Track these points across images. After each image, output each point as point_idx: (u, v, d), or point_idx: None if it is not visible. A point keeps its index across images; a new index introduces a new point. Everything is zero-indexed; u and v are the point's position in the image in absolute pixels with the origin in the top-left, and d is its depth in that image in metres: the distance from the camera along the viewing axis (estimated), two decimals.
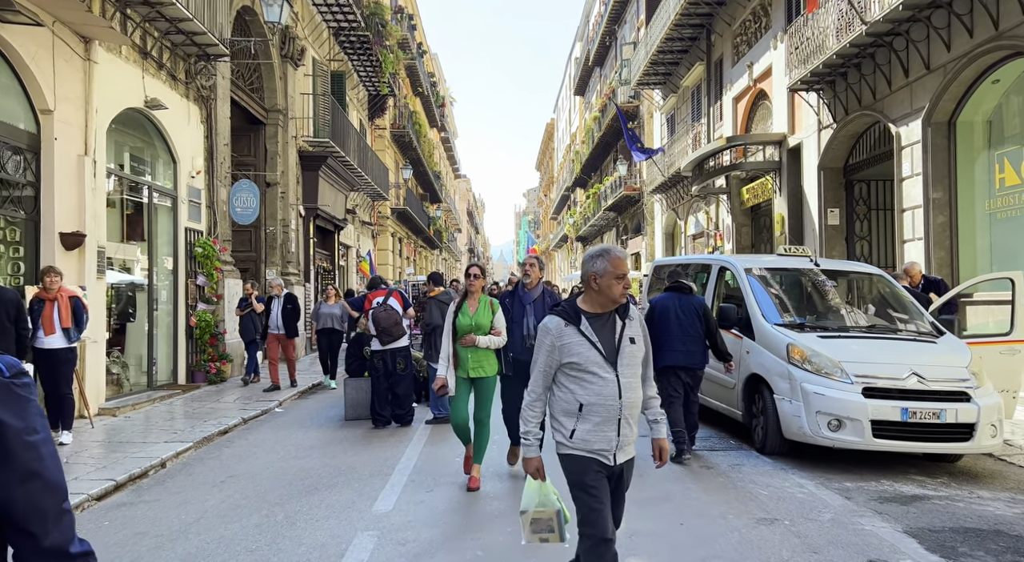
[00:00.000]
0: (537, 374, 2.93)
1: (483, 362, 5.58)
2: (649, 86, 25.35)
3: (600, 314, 2.90)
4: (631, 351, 2.88)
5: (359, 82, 23.74)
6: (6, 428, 1.29)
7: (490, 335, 5.55)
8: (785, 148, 15.11)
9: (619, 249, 2.98)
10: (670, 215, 25.26)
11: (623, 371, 2.84)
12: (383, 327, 7.95)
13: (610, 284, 2.83)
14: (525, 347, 5.58)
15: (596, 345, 2.83)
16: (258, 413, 9.03)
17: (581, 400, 2.82)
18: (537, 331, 4.94)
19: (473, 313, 5.54)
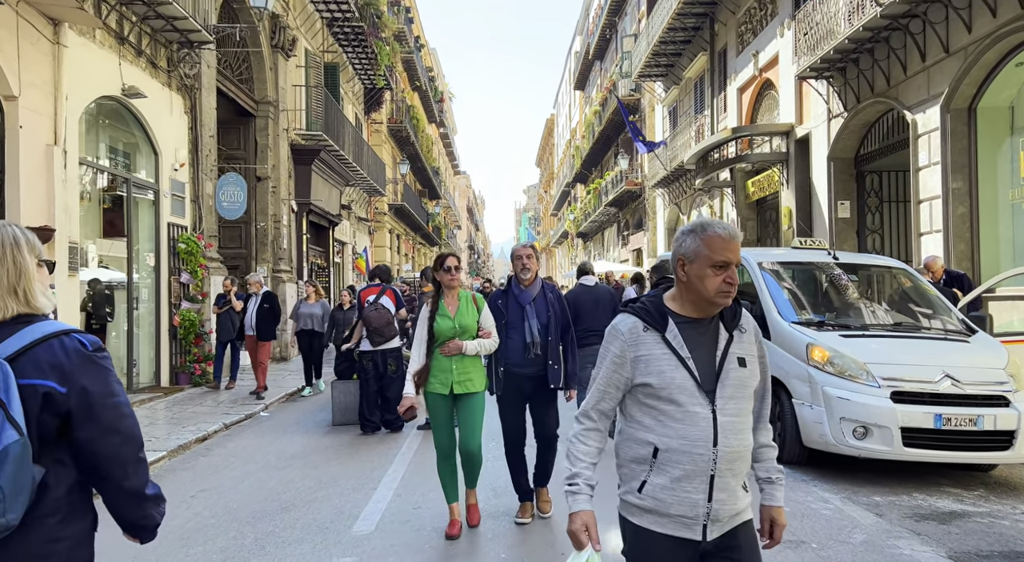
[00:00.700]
0: (596, 392, 2.08)
1: (470, 373, 4.43)
2: (651, 78, 24.81)
3: (696, 319, 2.01)
4: (739, 377, 1.98)
5: (354, 75, 23.21)
6: (90, 394, 1.63)
7: (478, 338, 4.46)
8: (792, 139, 14.59)
9: (723, 224, 2.03)
10: (672, 210, 24.75)
11: (724, 405, 1.95)
12: (374, 327, 7.46)
13: (702, 274, 1.94)
14: (527, 358, 4.53)
15: (687, 363, 1.96)
16: (241, 418, 8.54)
17: (657, 442, 1.96)
18: (540, 337, 4.48)
19: (454, 313, 4.45)
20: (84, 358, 1.65)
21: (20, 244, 1.75)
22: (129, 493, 1.72)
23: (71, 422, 1.63)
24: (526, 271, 4.66)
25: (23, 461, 1.53)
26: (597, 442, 2.08)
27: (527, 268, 4.66)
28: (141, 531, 1.79)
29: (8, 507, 1.51)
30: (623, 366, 2.02)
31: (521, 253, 4.69)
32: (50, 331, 1.65)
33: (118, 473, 1.68)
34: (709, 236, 1.97)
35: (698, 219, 2.06)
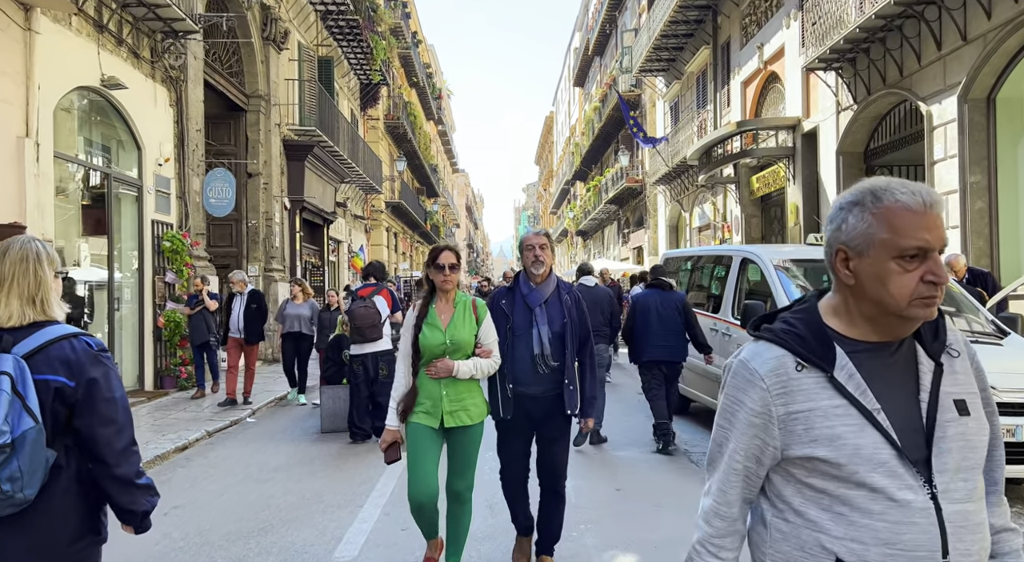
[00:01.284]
0: (721, 476, 1.39)
1: (464, 401, 3.49)
2: (652, 73, 24.38)
3: (878, 344, 1.31)
4: (961, 433, 1.27)
5: (349, 70, 22.78)
6: (94, 388, 1.90)
7: (475, 358, 3.51)
8: (799, 133, 14.18)
9: (912, 186, 1.27)
10: (674, 207, 24.33)
11: (948, 484, 1.24)
12: (357, 325, 7.01)
13: (884, 272, 1.25)
14: (537, 374, 3.61)
15: (875, 418, 1.24)
16: (226, 424, 8.12)
17: (841, 551, 1.23)
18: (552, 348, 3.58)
19: (447, 324, 3.49)
20: (91, 357, 1.91)
21: (42, 259, 1.97)
22: (120, 479, 1.94)
23: (76, 411, 1.88)
24: (538, 264, 3.66)
25: (38, 445, 1.79)
26: (732, 551, 1.37)
27: (540, 260, 3.66)
28: (131, 517, 2.01)
29: (25, 484, 1.76)
30: (767, 428, 1.30)
31: (533, 241, 3.70)
32: (61, 333, 1.91)
33: (111, 460, 1.91)
34: (889, 207, 1.24)
35: (862, 184, 1.30)
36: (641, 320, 6.71)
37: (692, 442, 6.90)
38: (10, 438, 1.74)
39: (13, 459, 1.75)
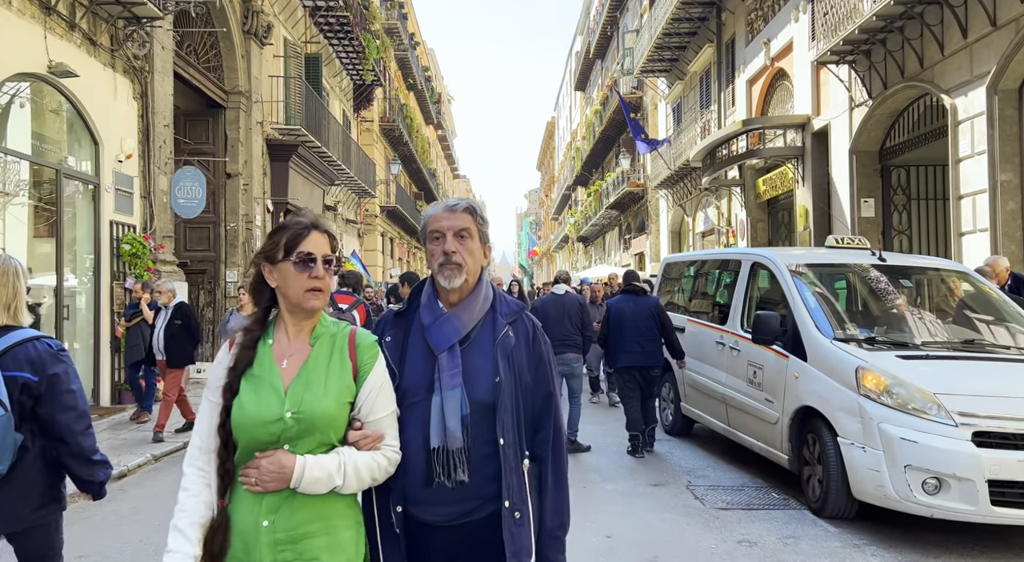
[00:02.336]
0: None
1: (310, 543, 1.70)
2: (653, 74, 23.62)
3: None
4: None
5: (341, 69, 22.06)
6: (57, 380, 2.34)
7: (344, 450, 1.75)
8: (809, 132, 13.38)
9: None
10: (677, 211, 23.53)
11: None
12: None
13: None
14: (435, 490, 1.85)
15: None
16: (178, 446, 7.30)
17: None
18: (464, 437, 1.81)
19: (290, 380, 1.77)
20: (52, 356, 2.39)
21: (19, 273, 2.42)
22: (79, 456, 2.42)
23: (39, 401, 2.34)
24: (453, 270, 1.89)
25: (7, 430, 2.26)
26: None
27: (454, 261, 1.89)
28: (88, 486, 2.50)
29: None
30: None
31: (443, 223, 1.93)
32: (27, 336, 2.38)
33: (71, 440, 2.39)
34: None
35: None
36: (616, 326, 6.71)
37: (697, 472, 6.07)
38: None
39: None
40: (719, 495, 5.34)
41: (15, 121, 8.24)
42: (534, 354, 1.95)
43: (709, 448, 6.93)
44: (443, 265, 1.90)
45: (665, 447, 7.04)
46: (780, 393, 5.23)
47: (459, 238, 1.91)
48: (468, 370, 1.87)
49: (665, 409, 7.73)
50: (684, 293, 7.79)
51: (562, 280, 7.31)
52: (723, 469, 6.12)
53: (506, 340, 1.90)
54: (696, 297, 7.41)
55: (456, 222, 1.92)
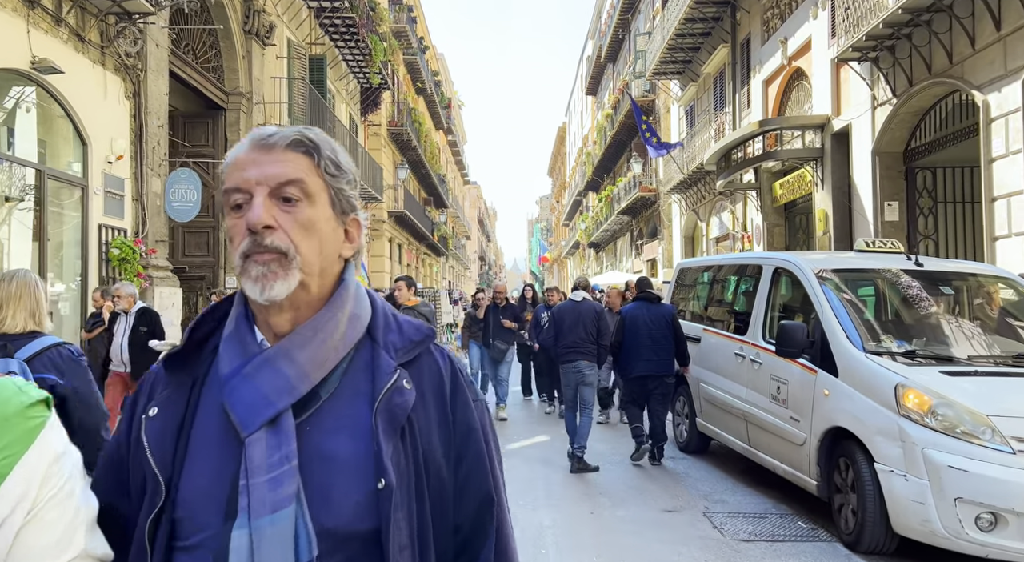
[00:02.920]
0: None
1: None
2: (666, 76, 23.15)
3: None
4: None
5: (347, 72, 21.74)
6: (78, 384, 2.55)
7: None
8: (828, 133, 12.85)
9: None
10: (690, 216, 23.00)
11: None
12: None
13: None
14: None
15: None
16: None
17: None
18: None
19: None
20: (74, 361, 2.63)
21: (38, 285, 2.71)
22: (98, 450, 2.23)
23: (65, 402, 2.48)
24: (265, 262, 0.96)
25: None
26: None
27: (267, 246, 0.96)
28: None
29: None
30: None
31: (249, 174, 0.99)
32: (51, 343, 2.61)
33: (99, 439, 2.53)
34: None
35: None
36: (631, 334, 6.59)
37: (714, 496, 5.57)
38: None
39: None
40: (740, 524, 4.84)
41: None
42: (455, 420, 1.03)
43: (727, 468, 6.43)
44: (249, 257, 0.97)
45: (680, 466, 6.55)
46: (807, 411, 4.73)
47: (281, 201, 0.98)
48: (313, 467, 0.94)
49: (680, 425, 7.23)
50: (699, 300, 7.30)
51: (581, 287, 7.10)
52: (743, 493, 5.62)
53: (396, 398, 0.97)
54: (713, 305, 6.92)
55: (274, 169, 0.98)
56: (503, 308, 9.56)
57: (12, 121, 8.21)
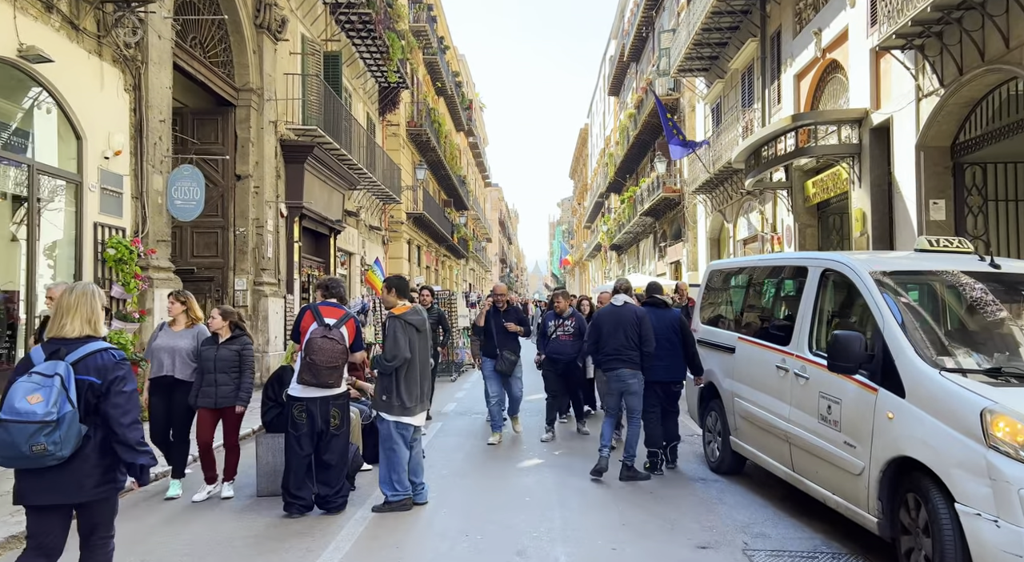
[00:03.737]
0: None
1: None
2: (691, 73, 22.43)
3: None
4: None
5: (364, 70, 21.31)
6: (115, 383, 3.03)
7: None
8: (867, 127, 12.09)
9: None
10: (716, 217, 22.24)
11: None
12: (313, 361, 5.21)
13: None
14: None
15: None
16: None
17: None
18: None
19: None
20: (114, 364, 3.07)
21: (96, 295, 3.19)
22: (123, 443, 3.04)
23: (101, 399, 3.02)
24: None
25: (73, 422, 2.92)
26: None
27: None
28: (132, 469, 3.10)
29: (62, 447, 2.89)
30: None
31: None
32: (99, 347, 3.07)
33: (119, 431, 3.02)
34: None
35: None
36: None
37: (754, 528, 4.91)
38: (56, 416, 2.87)
39: (56, 430, 2.87)
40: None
41: None
42: None
43: (766, 493, 5.77)
44: None
45: (712, 490, 5.90)
46: (866, 436, 4.07)
47: None
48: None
49: (711, 443, 6.58)
50: (733, 306, 6.64)
51: (622, 290, 6.70)
52: (787, 525, 4.96)
53: None
54: (749, 311, 6.25)
55: None
56: (505, 312, 8.43)
57: None
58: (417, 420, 5.52)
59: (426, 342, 5.61)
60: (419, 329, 5.49)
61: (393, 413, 5.38)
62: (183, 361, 5.82)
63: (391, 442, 5.38)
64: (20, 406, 2.85)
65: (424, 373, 5.58)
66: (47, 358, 2.99)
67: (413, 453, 5.53)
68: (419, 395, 5.47)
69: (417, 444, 5.63)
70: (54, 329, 3.06)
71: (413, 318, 5.47)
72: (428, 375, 5.81)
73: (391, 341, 5.40)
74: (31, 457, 2.85)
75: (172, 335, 5.96)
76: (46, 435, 2.83)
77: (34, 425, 2.83)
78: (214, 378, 5.69)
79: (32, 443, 2.82)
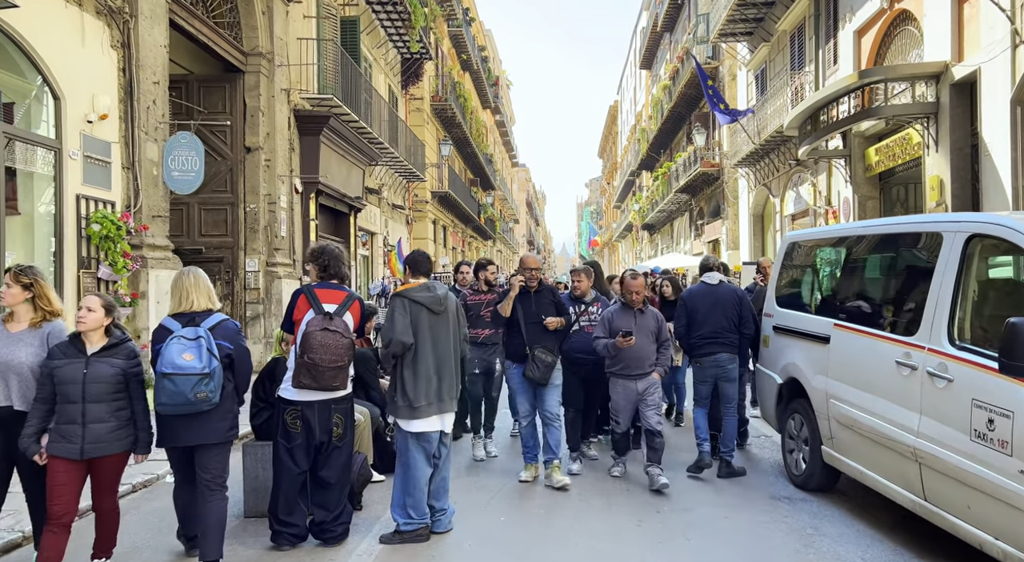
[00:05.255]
0: None
1: None
2: (733, 37, 20.90)
3: None
4: None
5: (386, 39, 20.18)
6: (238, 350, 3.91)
7: None
8: (946, 83, 10.68)
9: None
10: (760, 192, 20.82)
11: None
12: (319, 364, 4.08)
13: None
14: None
15: None
16: (128, 490, 5.42)
17: None
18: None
19: None
20: (236, 331, 3.94)
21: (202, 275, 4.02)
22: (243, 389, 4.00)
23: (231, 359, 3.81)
24: None
25: (220, 374, 3.66)
26: None
27: None
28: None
29: (214, 394, 3.62)
30: None
31: None
32: (222, 318, 3.88)
33: (243, 383, 3.95)
34: None
35: None
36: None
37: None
38: (209, 369, 3.57)
39: (212, 380, 3.58)
40: None
41: None
42: None
43: (872, 519, 4.60)
44: None
45: (803, 514, 4.74)
46: None
47: None
48: None
49: (794, 451, 5.42)
50: (824, 285, 5.44)
51: (714, 267, 6.07)
52: None
53: None
54: (848, 291, 5.03)
55: None
56: (537, 293, 5.73)
57: None
58: (432, 424, 4.37)
59: (447, 325, 4.48)
60: (432, 309, 4.39)
61: (400, 415, 4.34)
62: (26, 382, 3.64)
63: (406, 456, 4.33)
64: (180, 362, 3.52)
65: (443, 363, 4.42)
66: (183, 326, 3.72)
67: (437, 473, 4.48)
68: (434, 391, 4.34)
69: (444, 461, 4.54)
70: (183, 306, 3.83)
71: (421, 295, 4.37)
72: (453, 367, 4.51)
73: (387, 323, 4.36)
74: (194, 402, 3.54)
75: (8, 339, 3.69)
76: (205, 384, 3.54)
77: (196, 376, 3.53)
78: (81, 410, 3.52)
79: (196, 391, 3.52)
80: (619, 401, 5.61)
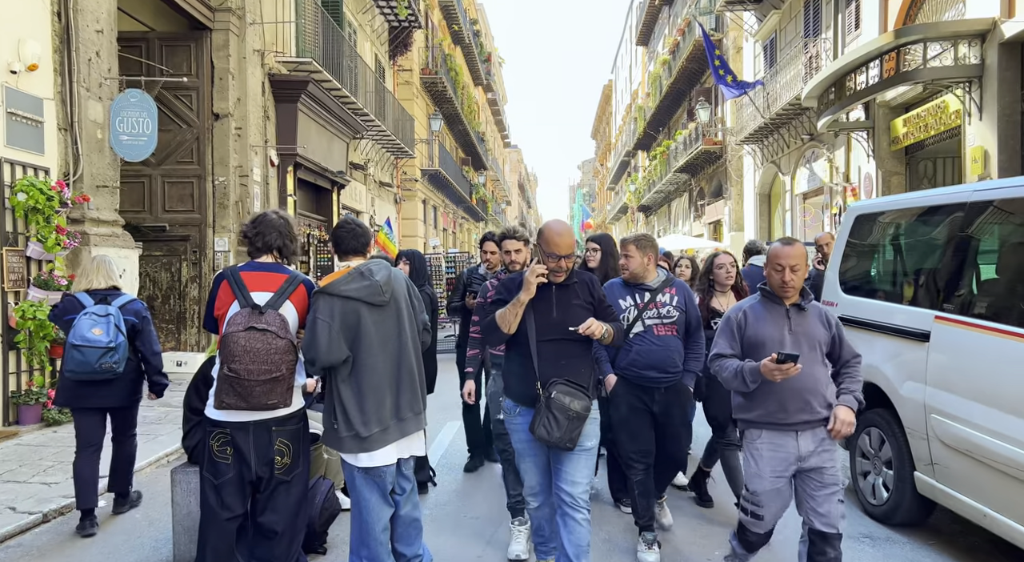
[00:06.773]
0: None
1: None
2: (740, 5, 19.72)
3: None
4: None
5: (372, 5, 18.86)
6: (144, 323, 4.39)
7: None
8: (993, 43, 9.58)
9: None
10: (768, 170, 19.74)
11: None
12: (243, 376, 2.90)
13: None
14: None
15: None
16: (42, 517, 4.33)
17: None
18: None
19: None
20: (143, 308, 4.40)
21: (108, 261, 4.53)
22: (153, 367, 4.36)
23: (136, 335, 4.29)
24: None
25: (124, 347, 4.13)
26: None
27: None
28: (154, 387, 4.42)
29: (119, 364, 4.11)
30: None
31: None
32: (130, 298, 4.38)
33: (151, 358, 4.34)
34: None
35: None
36: None
37: None
38: (116, 343, 4.06)
39: (116, 353, 4.06)
40: None
41: None
42: None
43: None
44: None
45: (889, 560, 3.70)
46: None
47: None
48: None
49: (868, 474, 4.36)
50: (911, 268, 4.36)
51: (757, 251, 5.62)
52: None
53: None
54: (949, 277, 3.94)
55: None
56: (561, 288, 3.24)
57: None
58: (387, 455, 3.15)
59: (397, 317, 3.19)
60: (371, 303, 3.09)
61: (343, 448, 3.13)
62: None
63: (356, 495, 3.19)
64: (89, 336, 4.04)
65: (401, 368, 3.19)
66: (96, 303, 4.24)
67: (401, 512, 3.33)
68: (390, 410, 3.15)
69: (408, 497, 3.33)
70: (81, 285, 4.37)
71: (352, 287, 3.04)
72: (415, 370, 3.26)
73: (308, 334, 3.05)
74: (99, 371, 4.06)
75: None
76: (110, 356, 4.06)
77: (101, 349, 4.04)
78: None
79: (101, 362, 4.04)
80: (763, 473, 3.06)
